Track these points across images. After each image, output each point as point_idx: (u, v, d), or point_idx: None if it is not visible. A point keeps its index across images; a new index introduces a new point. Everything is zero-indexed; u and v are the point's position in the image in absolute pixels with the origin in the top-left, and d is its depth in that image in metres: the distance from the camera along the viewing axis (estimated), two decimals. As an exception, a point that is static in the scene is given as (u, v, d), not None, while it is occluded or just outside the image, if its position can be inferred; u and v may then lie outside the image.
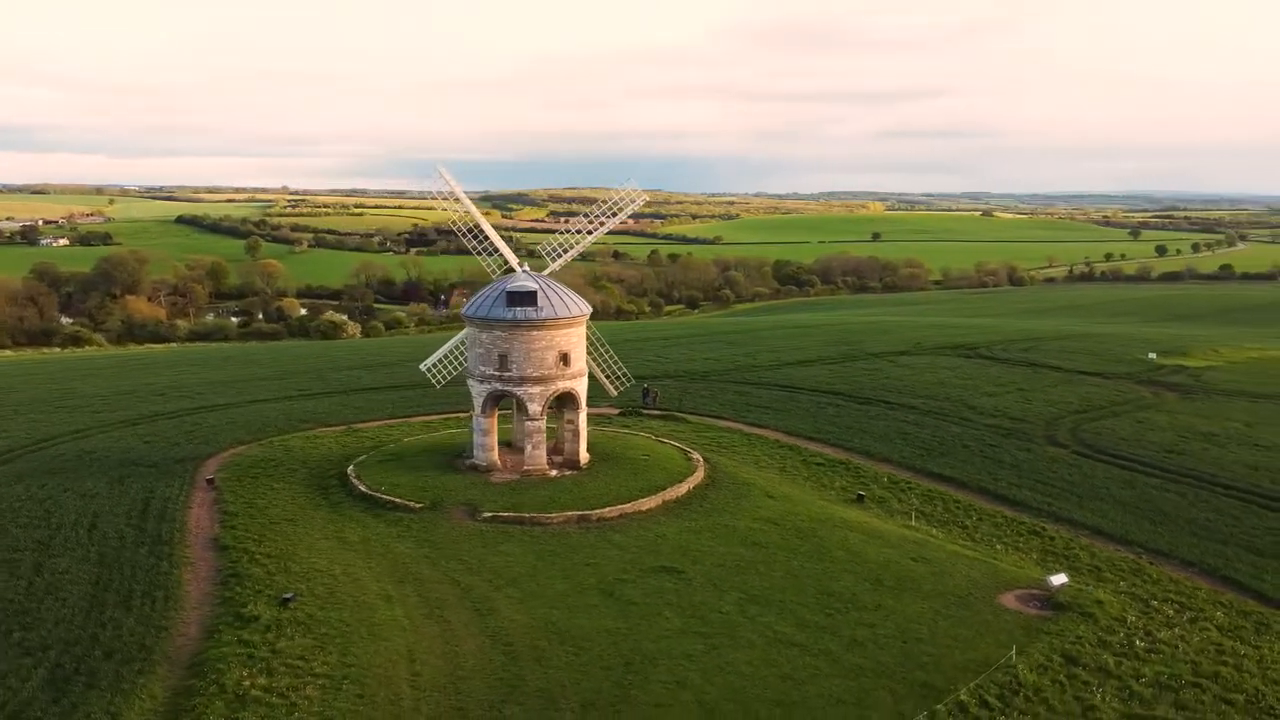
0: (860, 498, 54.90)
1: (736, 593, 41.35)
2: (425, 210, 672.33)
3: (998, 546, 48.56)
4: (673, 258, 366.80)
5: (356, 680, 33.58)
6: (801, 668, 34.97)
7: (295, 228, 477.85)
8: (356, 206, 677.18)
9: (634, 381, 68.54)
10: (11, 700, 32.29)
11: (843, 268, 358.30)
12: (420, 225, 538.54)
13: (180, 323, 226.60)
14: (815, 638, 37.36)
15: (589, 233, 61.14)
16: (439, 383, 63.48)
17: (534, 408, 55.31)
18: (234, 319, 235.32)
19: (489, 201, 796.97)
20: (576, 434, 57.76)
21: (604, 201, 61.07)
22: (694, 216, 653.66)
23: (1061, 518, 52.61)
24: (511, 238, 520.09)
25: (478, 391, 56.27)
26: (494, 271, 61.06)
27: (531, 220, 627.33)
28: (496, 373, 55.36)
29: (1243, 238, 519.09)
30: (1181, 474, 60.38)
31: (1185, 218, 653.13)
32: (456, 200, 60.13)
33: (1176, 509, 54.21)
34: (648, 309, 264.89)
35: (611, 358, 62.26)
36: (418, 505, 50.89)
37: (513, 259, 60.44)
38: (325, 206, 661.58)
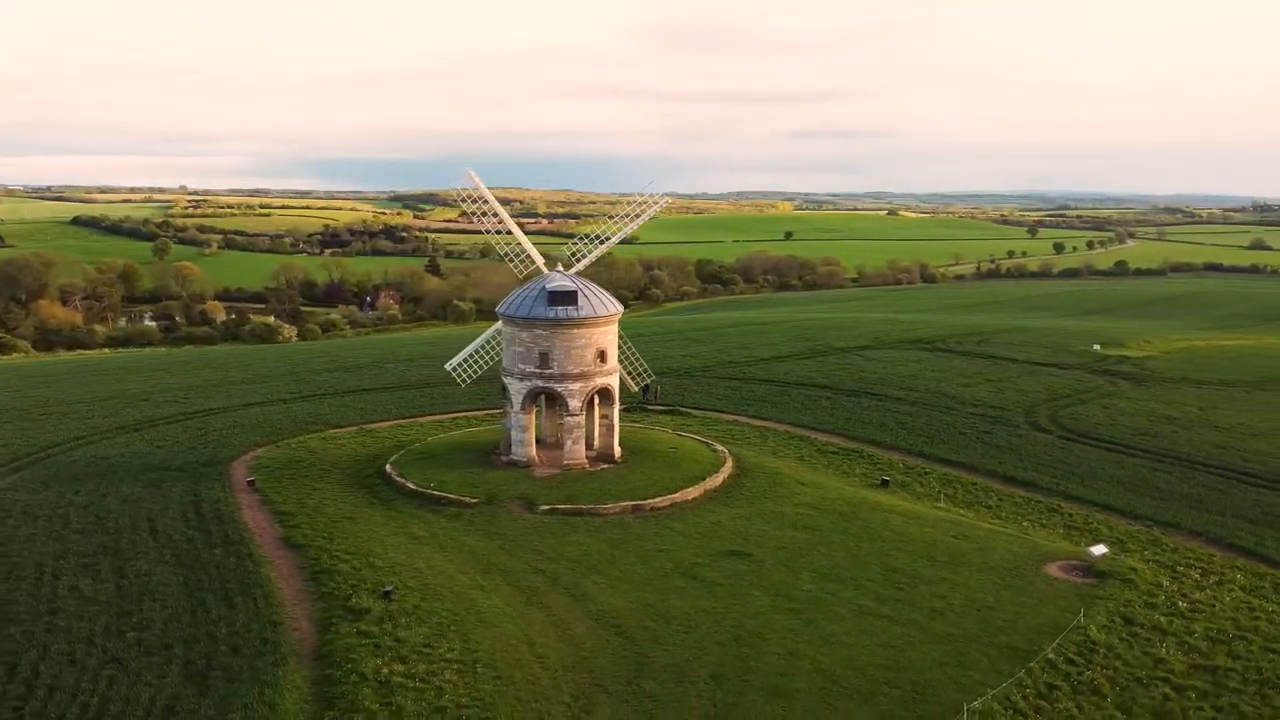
0: (885, 483, 58.24)
1: (808, 572, 44.01)
2: (334, 210, 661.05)
3: (1024, 524, 52.40)
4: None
5: (487, 664, 35.09)
6: (896, 636, 37.82)
7: (202, 228, 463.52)
8: (262, 207, 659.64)
9: (653, 378, 70.66)
10: (158, 696, 32.85)
11: (763, 266, 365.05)
12: (332, 226, 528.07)
13: (98, 328, 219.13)
14: (897, 610, 40.27)
15: (603, 239, 62.73)
16: (464, 382, 64.62)
17: (574, 404, 57.06)
18: (152, 323, 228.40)
19: (399, 202, 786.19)
20: (611, 428, 59.72)
21: (627, 203, 63.00)
22: (609, 217, 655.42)
23: (1071, 496, 56.86)
24: (427, 238, 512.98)
25: (517, 389, 57.72)
26: (519, 271, 62.49)
27: (445, 221, 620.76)
28: (537, 370, 56.91)
29: (1131, 235, 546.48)
30: (1161, 454, 65.53)
31: (1077, 216, 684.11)
32: (485, 202, 61.22)
33: (1169, 485, 59.08)
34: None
35: (634, 355, 64.32)
36: (473, 500, 52.20)
37: (539, 259, 62.04)
38: (229, 207, 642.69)
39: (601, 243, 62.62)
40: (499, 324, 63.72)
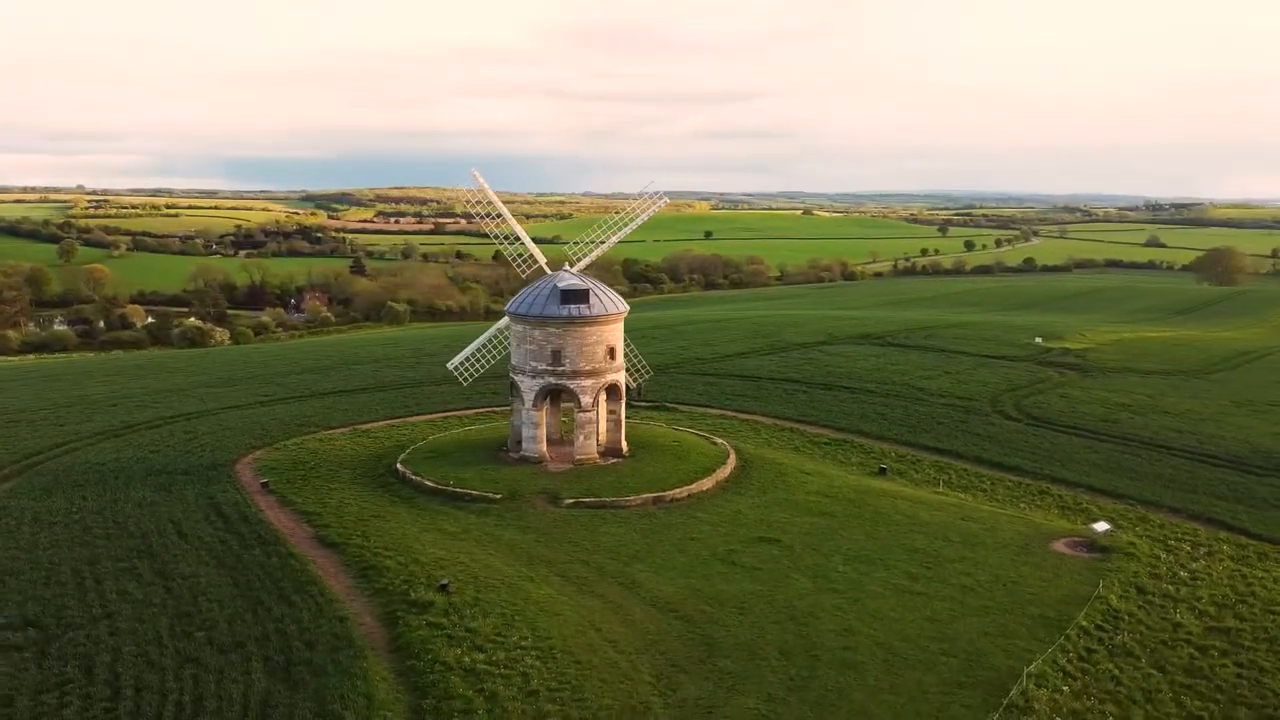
0: (883, 470, 60.99)
1: (837, 555, 46.26)
2: (245, 211, 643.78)
3: (1021, 505, 55.68)
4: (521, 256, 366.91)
5: (564, 650, 36.35)
6: (939, 611, 40.28)
7: (108, 230, 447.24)
8: (168, 207, 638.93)
9: (651, 374, 72.18)
10: (249, 692, 33.25)
11: (689, 265, 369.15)
12: (245, 226, 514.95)
13: (10, 333, 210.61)
14: (930, 587, 42.78)
15: (601, 242, 63.84)
16: (466, 380, 65.23)
17: (586, 399, 58.34)
18: (65, 328, 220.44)
19: (312, 202, 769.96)
20: (618, 424, 61.15)
21: (628, 204, 64.29)
22: (527, 216, 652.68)
23: (1057, 479, 60.45)
24: (345, 239, 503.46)
25: (528, 386, 58.72)
26: (523, 270, 63.48)
27: (360, 221, 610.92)
28: (550, 367, 58.03)
29: (1035, 233, 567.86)
30: (1126, 439, 69.88)
31: (983, 215, 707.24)
32: (489, 203, 62.03)
33: (1141, 467, 63.21)
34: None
35: (634, 353, 65.80)
36: (497, 496, 53.13)
37: (541, 258, 63.09)
38: (134, 207, 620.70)
39: (602, 243, 63.68)
40: (501, 323, 64.63)
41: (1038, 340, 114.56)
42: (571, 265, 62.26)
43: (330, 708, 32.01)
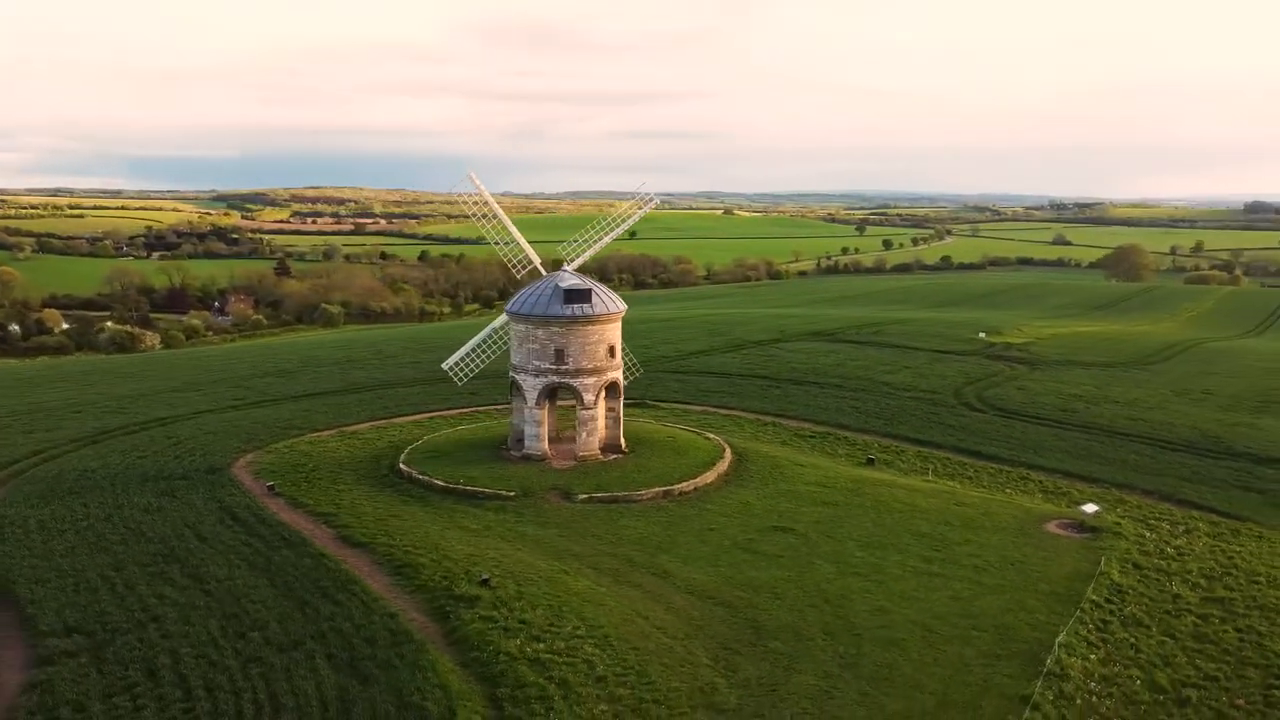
0: (871, 461, 63.55)
1: (850, 541, 48.43)
2: (154, 211, 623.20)
3: (1007, 490, 58.75)
4: (450, 258, 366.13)
5: (617, 638, 37.63)
6: (959, 590, 42.69)
7: (9, 231, 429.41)
8: (71, 208, 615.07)
9: (642, 371, 73.48)
10: (322, 687, 33.77)
11: (618, 265, 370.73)
12: (156, 227, 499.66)
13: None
14: (946, 568, 45.21)
15: (595, 240, 64.98)
16: (461, 381, 65.76)
17: (589, 397, 59.52)
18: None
19: (224, 202, 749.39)
20: (617, 420, 62.48)
21: (619, 205, 65.59)
22: (449, 216, 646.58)
23: (1034, 465, 63.78)
24: (262, 239, 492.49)
25: (532, 385, 59.63)
26: (518, 270, 64.32)
27: (276, 221, 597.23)
28: (553, 366, 59.05)
29: (949, 232, 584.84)
30: (1087, 427, 73.89)
31: (898, 215, 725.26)
32: (485, 204, 62.72)
33: (1107, 453, 67.07)
34: (449, 310, 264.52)
35: (626, 351, 67.06)
36: (510, 493, 53.98)
37: (536, 258, 64.02)
38: (33, 207, 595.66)
39: (593, 243, 64.78)
40: (496, 322, 65.39)
41: (982, 335, 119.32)
42: (569, 265, 63.27)
43: (410, 699, 32.75)
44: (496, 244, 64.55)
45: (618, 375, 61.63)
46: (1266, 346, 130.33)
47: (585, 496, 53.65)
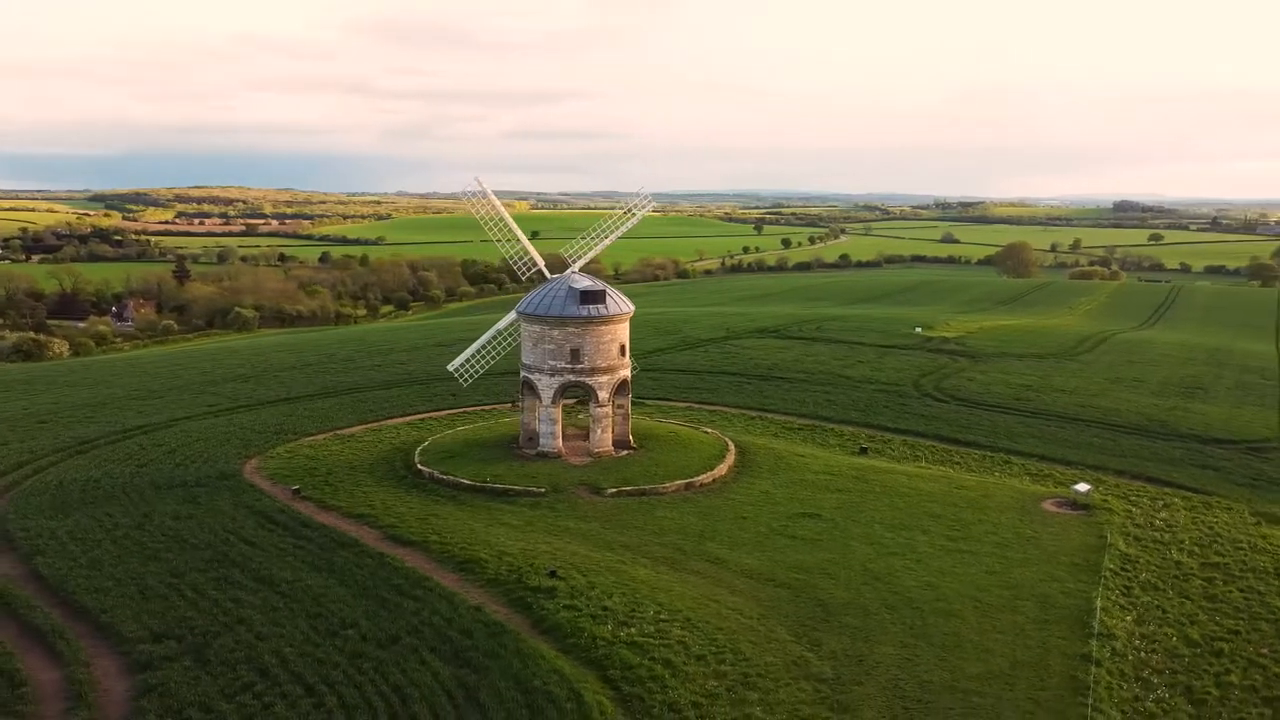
0: (864, 450, 67.05)
1: (877, 525, 51.61)
2: (26, 211, 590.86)
3: (996, 474, 62.94)
4: (358, 259, 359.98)
5: (699, 620, 39.76)
6: (992, 565, 46.23)
7: None
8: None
9: (639, 369, 75.28)
10: (439, 678, 34.96)
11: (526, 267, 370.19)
12: (32, 229, 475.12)
13: None
14: (971, 545, 48.76)
15: (597, 243, 66.68)
16: (466, 381, 66.66)
17: (604, 395, 61.30)
18: None
19: (102, 202, 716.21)
20: (626, 417, 64.40)
21: (619, 207, 67.44)
22: (344, 217, 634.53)
23: (1012, 450, 68.26)
24: (150, 242, 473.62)
25: (547, 384, 61.04)
26: (523, 272, 65.61)
27: (160, 223, 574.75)
28: (569, 365, 60.61)
29: (843, 231, 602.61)
30: (1045, 414, 79.16)
31: (792, 214, 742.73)
32: (492, 206, 63.82)
33: (1071, 437, 72.19)
34: (363, 312, 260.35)
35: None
36: (541, 490, 55.39)
37: (540, 260, 65.44)
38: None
39: (599, 243, 66.38)
40: (501, 323, 66.52)
41: (918, 330, 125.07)
42: (574, 266, 64.84)
43: (531, 684, 34.24)
44: (500, 243, 65.58)
45: (627, 373, 63.60)
46: (1167, 338, 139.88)
47: (614, 490, 55.46)
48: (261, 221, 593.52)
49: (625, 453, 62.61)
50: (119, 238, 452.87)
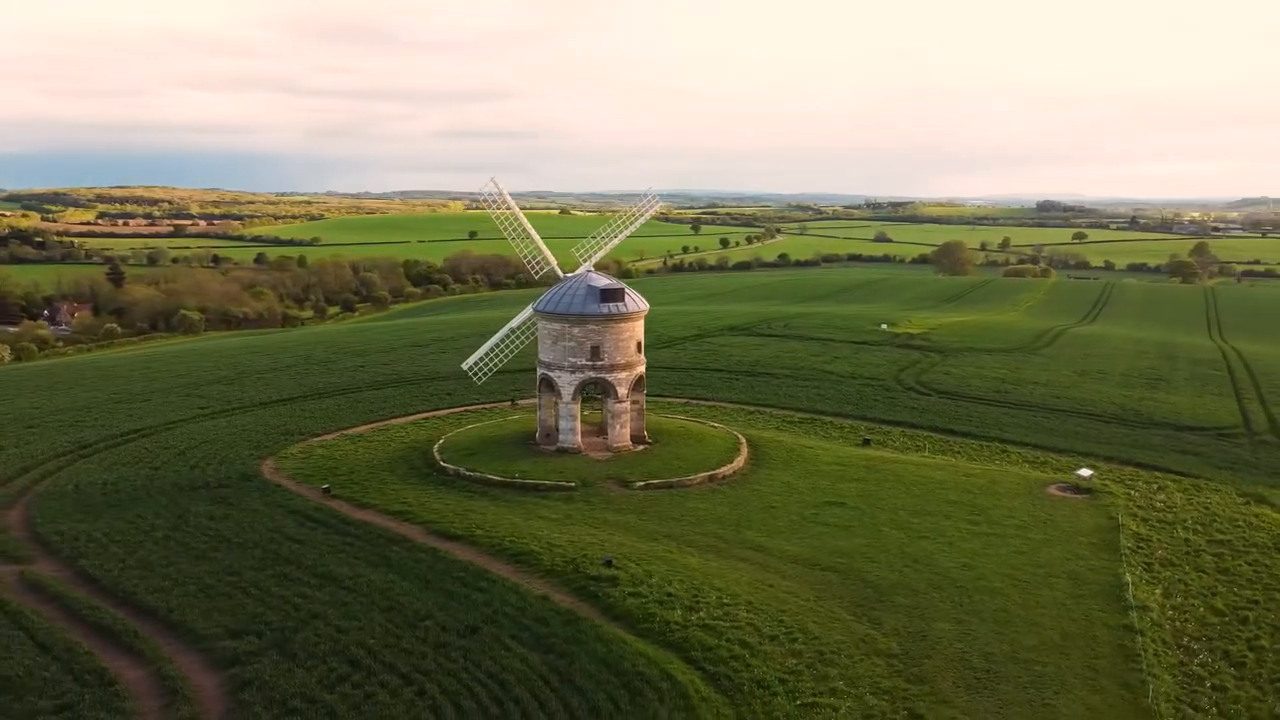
0: (867, 441, 69.40)
1: (900, 511, 53.82)
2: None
3: (996, 461, 65.80)
4: (296, 260, 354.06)
5: (762, 604, 41.35)
6: (1018, 547, 48.70)
7: None
8: None
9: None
10: (529, 662, 35.93)
11: (470, 266, 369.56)
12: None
13: None
14: (994, 529, 51.23)
15: (607, 242, 67.86)
16: (480, 380, 67.34)
17: (622, 391, 62.57)
18: None
19: (17, 203, 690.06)
20: (641, 412, 65.75)
21: (626, 208, 68.79)
22: (276, 217, 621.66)
23: (1004, 439, 71.28)
24: (74, 243, 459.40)
25: (567, 381, 62.07)
26: (536, 271, 66.55)
27: (82, 224, 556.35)
28: (589, 362, 61.74)
29: (779, 230, 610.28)
30: (1026, 405, 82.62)
31: (728, 214, 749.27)
32: (507, 207, 64.65)
33: (1056, 427, 75.62)
34: (311, 313, 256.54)
35: (633, 346, 70.20)
36: (571, 484, 56.47)
37: (553, 260, 66.41)
38: None
39: (608, 243, 67.58)
40: (514, 322, 67.38)
41: (884, 327, 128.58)
42: (585, 264, 65.95)
43: (621, 666, 35.43)
44: (514, 240, 66.41)
45: (643, 369, 64.93)
46: (1113, 333, 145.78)
47: (642, 484, 56.78)
48: (189, 222, 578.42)
49: (641, 447, 63.97)
50: (40, 239, 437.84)
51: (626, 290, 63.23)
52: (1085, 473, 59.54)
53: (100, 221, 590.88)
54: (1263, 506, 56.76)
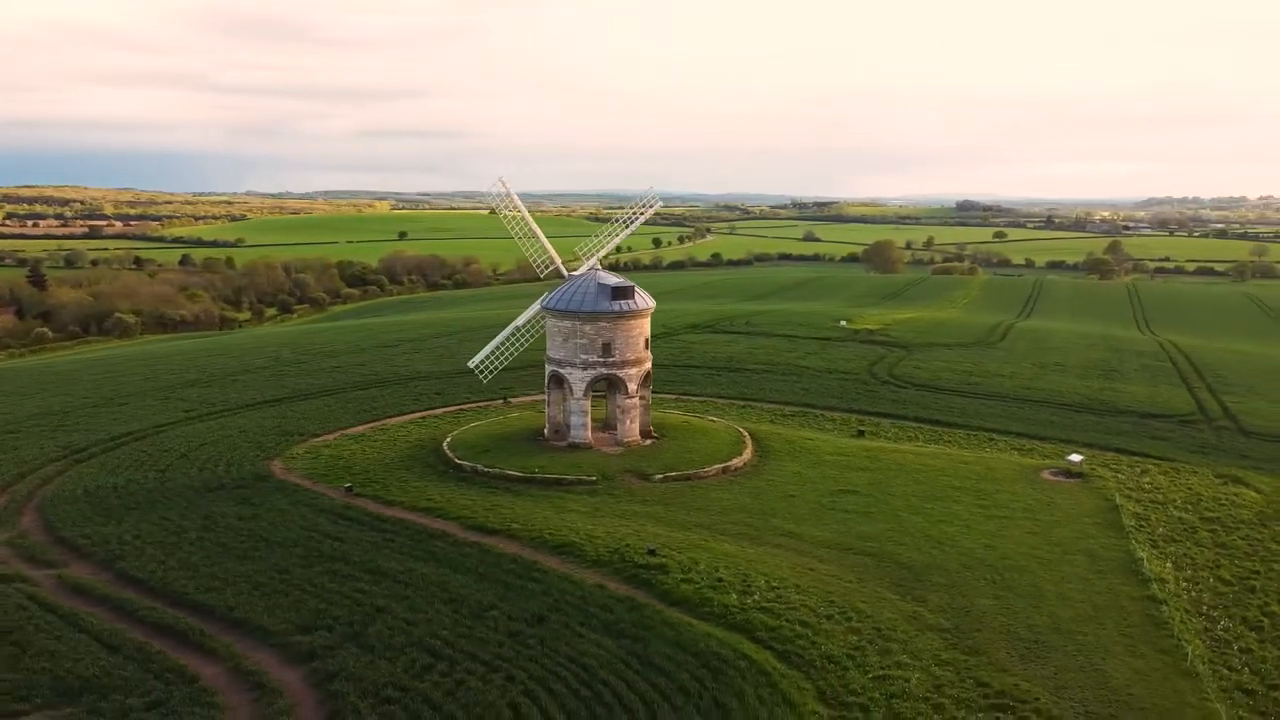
0: (861, 433, 71.79)
1: (913, 498, 56.15)
2: None
3: (988, 449, 68.75)
4: (223, 261, 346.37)
5: (809, 586, 43.08)
6: (1032, 529, 51.33)
7: None
8: None
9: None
10: (604, 647, 37.06)
11: (405, 267, 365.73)
12: None
13: None
14: (1003, 511, 53.86)
15: (607, 242, 69.14)
16: (486, 378, 67.91)
17: (632, 386, 63.83)
18: None
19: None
20: (647, 407, 67.08)
21: (626, 208, 70.09)
22: (196, 218, 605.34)
23: (990, 429, 74.40)
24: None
25: (579, 378, 63.09)
26: (541, 269, 67.46)
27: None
28: (600, 359, 62.85)
29: (709, 230, 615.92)
30: (999, 397, 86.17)
31: (656, 214, 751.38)
32: (516, 208, 65.42)
33: (1032, 416, 79.15)
34: (248, 315, 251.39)
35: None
36: (593, 478, 57.55)
37: (557, 259, 67.37)
38: None
39: (606, 243, 68.87)
40: (520, 320, 68.19)
41: (843, 323, 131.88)
42: (589, 262, 67.04)
43: (696, 648, 36.82)
44: (521, 240, 67.24)
45: (650, 365, 66.25)
46: (1055, 327, 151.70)
47: (661, 476, 58.14)
48: (104, 223, 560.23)
49: (649, 442, 65.31)
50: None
51: (635, 288, 64.50)
52: (1075, 458, 62.69)
53: (9, 222, 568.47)
54: (1240, 487, 60.54)
